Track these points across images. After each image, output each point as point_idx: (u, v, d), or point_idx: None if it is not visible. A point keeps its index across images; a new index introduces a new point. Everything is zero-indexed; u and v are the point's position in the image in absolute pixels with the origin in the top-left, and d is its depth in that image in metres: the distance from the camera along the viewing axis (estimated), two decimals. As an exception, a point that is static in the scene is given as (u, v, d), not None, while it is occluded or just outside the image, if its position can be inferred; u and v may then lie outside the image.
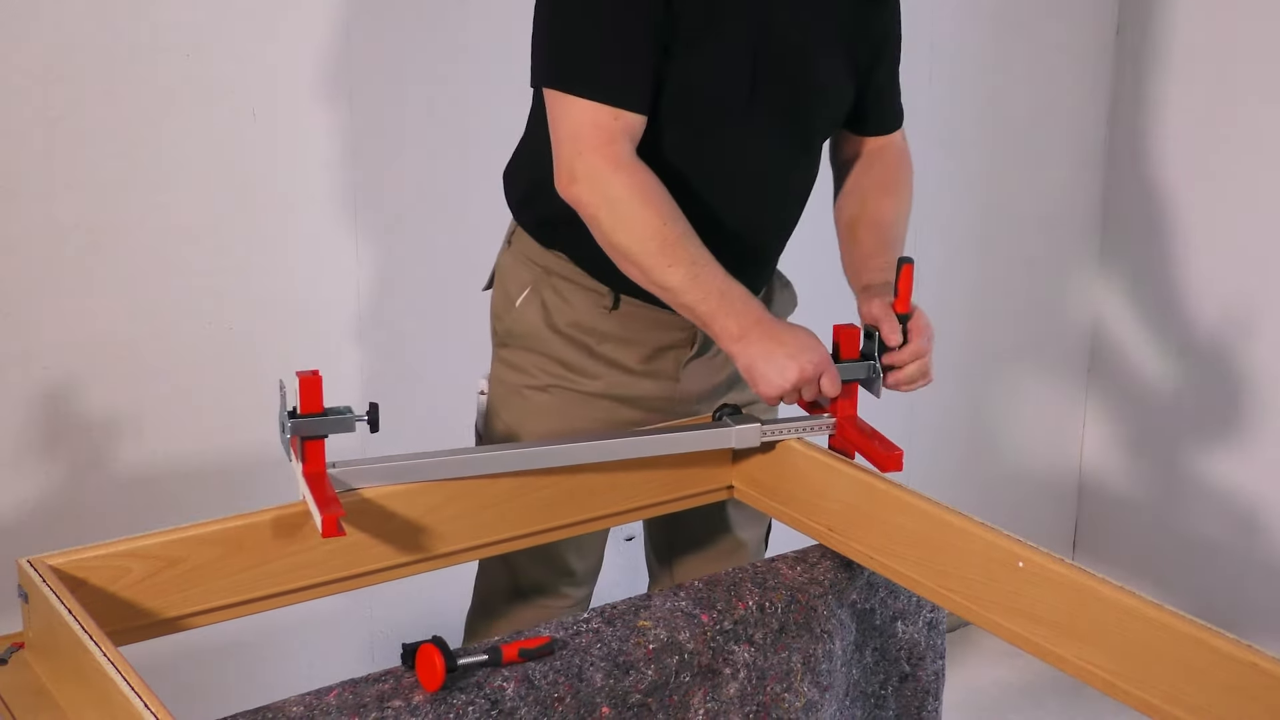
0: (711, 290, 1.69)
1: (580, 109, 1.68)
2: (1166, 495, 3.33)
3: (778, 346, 1.69)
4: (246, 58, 2.18)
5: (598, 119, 1.68)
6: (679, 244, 1.68)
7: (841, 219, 1.95)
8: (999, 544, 1.52)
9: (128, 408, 2.18)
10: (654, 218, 1.67)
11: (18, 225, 2.04)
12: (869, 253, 1.88)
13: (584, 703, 1.47)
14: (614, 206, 1.68)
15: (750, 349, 1.70)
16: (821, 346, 1.72)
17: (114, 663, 1.25)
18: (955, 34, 3.02)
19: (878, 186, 1.95)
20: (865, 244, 1.89)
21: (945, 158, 3.06)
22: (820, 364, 1.70)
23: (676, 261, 1.68)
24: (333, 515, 1.46)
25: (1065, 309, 3.41)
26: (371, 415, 1.57)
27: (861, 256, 1.88)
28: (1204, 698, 1.33)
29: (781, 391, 1.70)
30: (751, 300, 1.72)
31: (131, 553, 1.47)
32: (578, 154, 1.68)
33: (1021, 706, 3.10)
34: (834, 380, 1.72)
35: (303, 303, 2.32)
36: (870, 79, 1.90)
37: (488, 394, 1.97)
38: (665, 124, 1.74)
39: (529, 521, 1.72)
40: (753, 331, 1.70)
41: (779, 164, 1.84)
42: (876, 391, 1.78)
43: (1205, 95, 3.13)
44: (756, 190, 1.84)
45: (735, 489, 1.86)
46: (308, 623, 2.38)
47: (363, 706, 1.38)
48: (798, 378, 1.69)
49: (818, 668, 1.66)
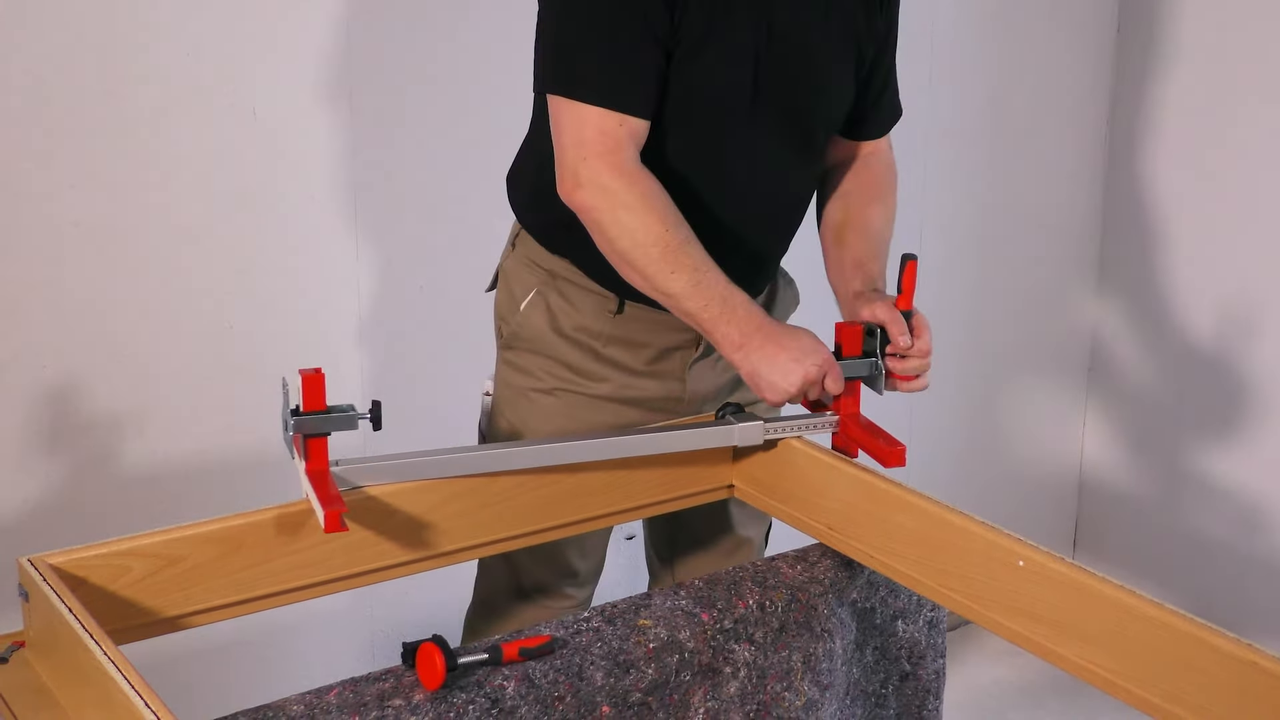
0: (714, 297, 1.69)
1: (585, 114, 1.68)
2: (1167, 494, 3.33)
3: (780, 351, 1.69)
4: (247, 57, 2.18)
5: (602, 124, 1.68)
6: (681, 250, 1.68)
7: (828, 223, 1.95)
8: (999, 543, 1.52)
9: (128, 407, 2.18)
10: (657, 224, 1.67)
11: (18, 225, 2.04)
12: (859, 259, 1.88)
13: (584, 702, 1.47)
14: (617, 213, 1.68)
15: (752, 356, 1.70)
16: (824, 347, 1.73)
17: (114, 662, 1.25)
18: (955, 34, 3.02)
19: (865, 193, 1.94)
20: (854, 250, 1.89)
21: (945, 157, 3.06)
22: (824, 365, 1.71)
23: (679, 268, 1.68)
24: (335, 510, 1.46)
25: (1066, 308, 3.41)
26: (374, 413, 1.57)
27: (852, 262, 1.88)
28: (1204, 697, 1.33)
29: (787, 396, 1.71)
30: (753, 306, 1.72)
31: (132, 551, 1.47)
32: (582, 159, 1.68)
33: (1022, 705, 3.11)
34: (838, 379, 1.73)
35: (303, 302, 2.32)
36: (868, 83, 1.91)
37: (493, 395, 1.97)
38: (669, 127, 1.75)
39: (530, 520, 1.72)
40: (754, 338, 1.70)
41: (782, 165, 1.85)
42: (879, 389, 1.78)
43: (1205, 95, 3.13)
44: (760, 191, 1.85)
45: (736, 488, 1.87)
46: (308, 622, 2.38)
47: (363, 705, 1.38)
48: (802, 381, 1.69)
49: (818, 666, 1.66)
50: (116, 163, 2.11)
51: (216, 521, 1.52)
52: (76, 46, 2.04)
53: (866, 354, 1.77)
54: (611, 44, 1.69)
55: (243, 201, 2.23)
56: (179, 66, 2.13)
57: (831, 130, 1.92)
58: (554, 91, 1.71)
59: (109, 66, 2.07)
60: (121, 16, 2.07)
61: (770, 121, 1.79)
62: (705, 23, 1.70)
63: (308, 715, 1.37)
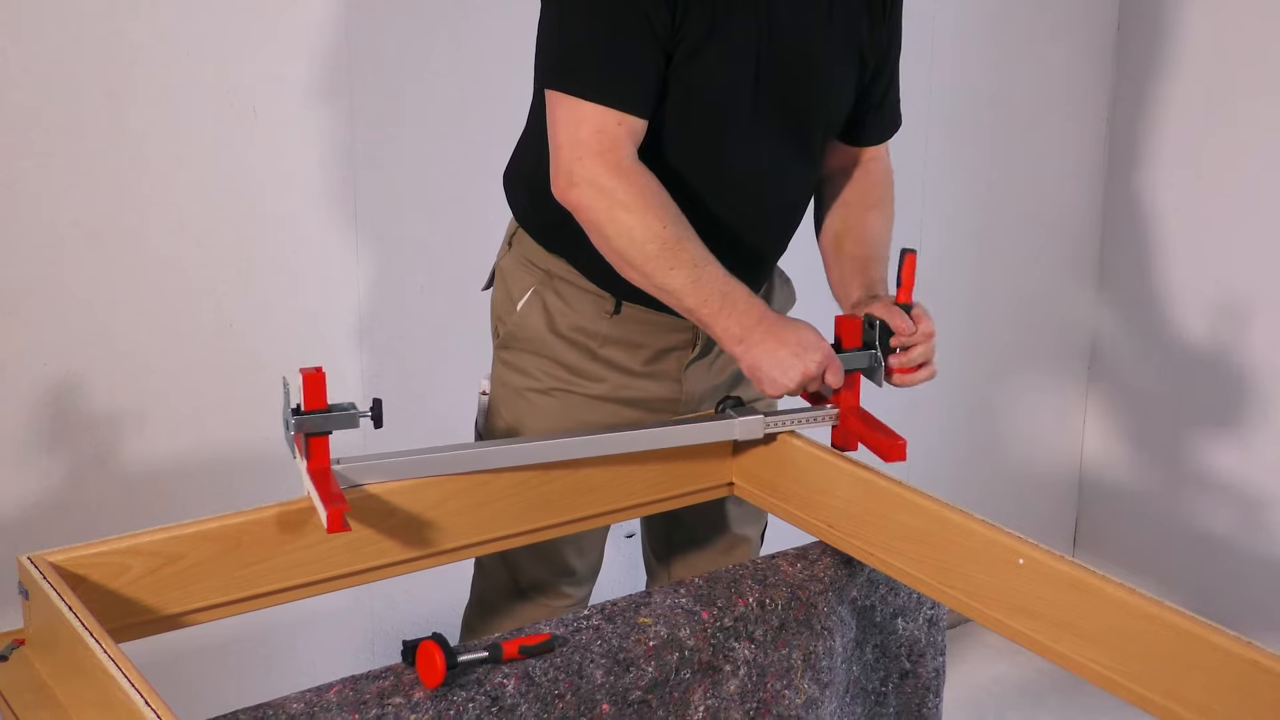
0: (713, 292, 1.69)
1: (582, 111, 1.68)
2: (1167, 491, 3.34)
3: (780, 345, 1.70)
4: (247, 56, 2.18)
5: (601, 123, 1.67)
6: (680, 246, 1.68)
7: (828, 232, 1.95)
8: (999, 541, 1.52)
9: (128, 405, 2.18)
10: (655, 221, 1.67)
11: (18, 224, 2.04)
12: (860, 266, 1.88)
13: (584, 700, 1.47)
14: (614, 211, 1.67)
15: (753, 350, 1.70)
16: (824, 341, 1.73)
17: (114, 660, 1.25)
18: (956, 33, 3.02)
19: (864, 200, 1.95)
20: (855, 257, 1.89)
21: (946, 157, 3.06)
22: (824, 359, 1.71)
23: (678, 264, 1.68)
24: (337, 510, 1.46)
25: (1066, 306, 3.41)
26: (375, 411, 1.57)
27: (853, 269, 1.88)
28: (1204, 694, 1.33)
29: (786, 390, 1.71)
30: (754, 299, 1.73)
31: (132, 549, 1.47)
32: (577, 158, 1.68)
33: (1021, 703, 3.11)
34: (838, 373, 1.73)
35: (303, 301, 2.32)
36: (870, 88, 1.90)
37: (489, 395, 1.97)
38: (669, 127, 1.74)
39: (531, 518, 1.72)
40: (755, 331, 1.70)
41: (781, 167, 1.85)
42: (879, 380, 1.78)
43: (1205, 94, 3.13)
44: (759, 192, 1.85)
45: (735, 485, 1.87)
46: (308, 620, 2.38)
47: (363, 703, 1.38)
48: (802, 375, 1.70)
49: (818, 664, 1.66)
50: (116, 162, 2.11)
51: (217, 519, 1.52)
52: (76, 46, 2.04)
53: (866, 346, 1.76)
54: (612, 42, 1.68)
55: (243, 200, 2.23)
56: (179, 65, 2.13)
57: (831, 132, 1.92)
58: (553, 87, 1.71)
59: (109, 66, 2.07)
60: (121, 15, 2.07)
61: (770, 122, 1.79)
62: (707, 23, 1.70)
63: (308, 713, 1.37)
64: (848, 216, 1.93)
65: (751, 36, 1.73)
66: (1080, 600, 1.44)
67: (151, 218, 2.16)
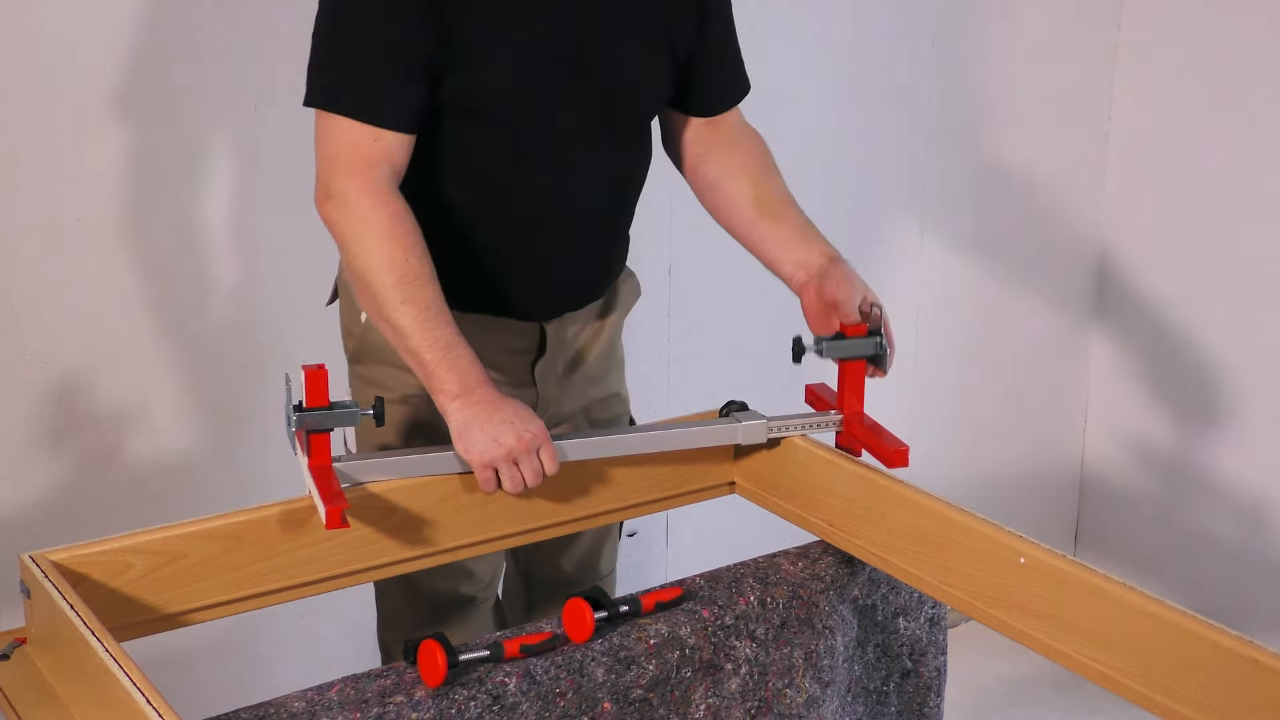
0: (439, 340, 1.62)
1: (339, 128, 1.65)
2: (1168, 491, 3.33)
3: (495, 412, 1.61)
4: (247, 55, 2.18)
5: (355, 139, 1.65)
6: (416, 284, 1.63)
7: (736, 201, 1.88)
8: (1001, 540, 1.52)
9: (129, 404, 2.18)
10: (397, 250, 1.62)
11: (19, 223, 2.05)
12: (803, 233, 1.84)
13: (586, 698, 1.47)
14: (359, 231, 1.63)
15: (467, 410, 1.61)
16: (540, 421, 1.64)
17: (116, 658, 1.26)
18: (955, 32, 3.02)
19: (758, 165, 1.89)
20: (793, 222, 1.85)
21: (946, 157, 3.06)
22: (538, 436, 1.61)
23: (410, 300, 1.62)
24: (337, 508, 1.46)
25: (1067, 305, 3.41)
26: (377, 409, 1.57)
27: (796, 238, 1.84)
28: (1205, 693, 1.33)
29: (492, 458, 1.59)
30: (477, 365, 1.65)
31: (133, 548, 1.48)
32: (332, 173, 1.66)
33: (1023, 702, 3.10)
34: (553, 458, 1.63)
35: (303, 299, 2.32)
36: (695, 59, 1.84)
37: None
38: (466, 136, 1.72)
39: (532, 516, 1.73)
40: (475, 393, 1.62)
41: (591, 161, 1.80)
42: (885, 367, 1.76)
43: (1205, 94, 3.13)
44: (575, 187, 1.80)
45: (737, 485, 1.87)
46: (310, 618, 2.38)
47: (364, 702, 1.38)
48: (514, 444, 1.60)
49: (819, 663, 1.66)
50: (117, 160, 2.11)
51: (218, 518, 1.52)
52: (77, 45, 2.04)
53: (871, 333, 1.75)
54: (367, 58, 1.66)
55: (244, 198, 2.23)
56: (179, 64, 2.13)
57: (647, 116, 1.86)
58: (311, 104, 1.69)
59: (110, 64, 2.07)
60: (121, 14, 2.07)
61: (570, 116, 1.75)
62: (485, 25, 1.67)
63: (309, 712, 1.37)
64: (757, 181, 1.88)
65: (540, 32, 1.69)
66: (1081, 599, 1.44)
67: (152, 215, 2.16)
